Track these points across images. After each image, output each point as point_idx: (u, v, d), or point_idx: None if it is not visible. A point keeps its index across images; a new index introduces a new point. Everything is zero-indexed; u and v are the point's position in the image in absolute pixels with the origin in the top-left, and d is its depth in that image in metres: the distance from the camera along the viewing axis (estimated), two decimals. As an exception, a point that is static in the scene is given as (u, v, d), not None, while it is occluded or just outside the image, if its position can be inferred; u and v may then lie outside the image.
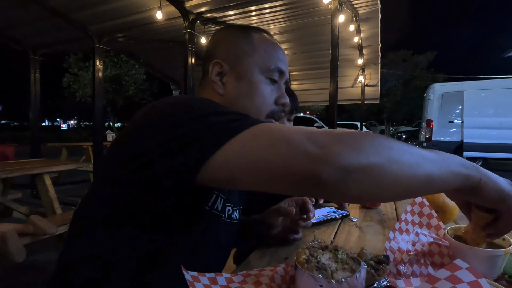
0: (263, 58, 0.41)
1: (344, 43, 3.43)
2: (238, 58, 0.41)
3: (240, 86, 0.40)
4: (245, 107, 0.40)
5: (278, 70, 0.41)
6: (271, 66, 0.41)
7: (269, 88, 0.41)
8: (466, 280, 0.22)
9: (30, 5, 2.42)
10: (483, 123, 4.76)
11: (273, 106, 0.41)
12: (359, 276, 0.28)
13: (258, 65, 0.40)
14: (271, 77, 0.41)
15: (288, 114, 0.78)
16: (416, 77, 13.72)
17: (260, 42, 0.42)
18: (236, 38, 0.42)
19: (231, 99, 0.40)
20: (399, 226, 0.41)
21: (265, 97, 0.40)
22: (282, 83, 0.43)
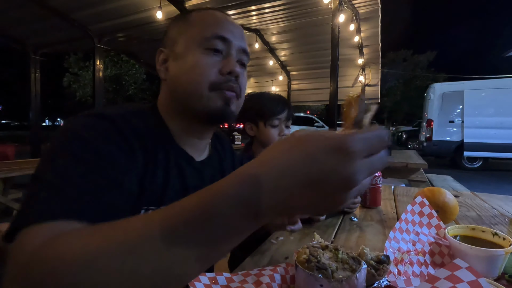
0: (198, 30, 0.38)
1: (344, 42, 3.42)
2: (175, 39, 0.39)
3: (179, 66, 0.38)
4: (185, 84, 0.37)
5: (218, 37, 0.38)
6: (208, 34, 0.37)
7: (210, 58, 0.37)
8: (466, 280, 0.22)
9: (31, 5, 2.42)
10: (483, 122, 4.75)
11: (216, 76, 0.37)
12: (360, 276, 0.28)
13: (194, 39, 0.38)
14: (211, 46, 0.37)
15: (285, 121, 0.79)
16: (417, 76, 13.71)
17: (196, 17, 0.39)
18: (175, 22, 0.41)
19: (171, 81, 0.39)
20: (399, 226, 0.41)
21: (203, 67, 0.37)
22: (232, 52, 0.38)
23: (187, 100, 0.38)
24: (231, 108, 0.39)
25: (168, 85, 0.40)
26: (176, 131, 0.40)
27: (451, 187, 2.33)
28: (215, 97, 0.37)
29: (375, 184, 0.73)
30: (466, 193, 0.92)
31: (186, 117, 0.39)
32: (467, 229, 0.40)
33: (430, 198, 0.52)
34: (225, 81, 0.38)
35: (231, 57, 0.38)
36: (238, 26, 0.41)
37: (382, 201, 0.77)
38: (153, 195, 0.35)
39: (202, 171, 0.42)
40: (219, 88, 0.37)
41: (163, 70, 0.40)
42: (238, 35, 0.40)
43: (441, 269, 0.24)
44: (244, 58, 0.41)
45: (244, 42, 0.40)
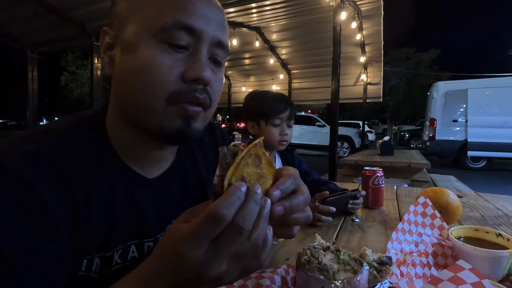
0: (154, 11, 0.27)
1: (346, 40, 3.39)
2: (124, 20, 0.28)
3: (125, 61, 0.28)
4: (134, 92, 0.27)
5: (182, 26, 0.26)
6: (168, 22, 0.26)
7: (168, 58, 0.27)
8: (469, 281, 0.22)
9: (28, 3, 2.41)
10: (487, 122, 4.70)
11: (176, 83, 0.27)
12: (361, 278, 0.28)
13: (147, 26, 0.27)
14: (170, 40, 0.26)
15: (287, 120, 0.78)
16: (420, 75, 13.57)
17: None
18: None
19: (117, 80, 0.29)
20: (402, 227, 0.40)
21: (157, 72, 0.26)
22: (202, 48, 0.28)
23: (136, 112, 0.28)
24: (194, 126, 0.29)
25: (114, 85, 0.30)
26: (126, 145, 0.31)
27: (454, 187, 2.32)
28: (173, 113, 0.27)
29: (377, 184, 0.73)
30: (469, 194, 0.92)
31: (137, 130, 0.30)
32: (471, 230, 0.40)
33: (433, 198, 0.51)
34: (188, 92, 0.27)
35: (199, 56, 0.28)
36: (216, 4, 0.29)
37: (385, 201, 0.77)
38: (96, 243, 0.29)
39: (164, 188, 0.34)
40: (180, 101, 0.27)
41: (107, 60, 0.30)
42: (214, 20, 0.28)
43: (444, 271, 0.23)
44: (220, 54, 0.30)
45: (222, 30, 0.29)
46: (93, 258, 0.29)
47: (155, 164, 0.34)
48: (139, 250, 0.33)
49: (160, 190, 0.35)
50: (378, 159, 2.38)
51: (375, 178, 0.73)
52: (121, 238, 0.31)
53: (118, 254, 0.31)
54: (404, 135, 9.74)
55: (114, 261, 0.31)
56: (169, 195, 0.36)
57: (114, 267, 0.31)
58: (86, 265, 0.29)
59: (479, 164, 5.02)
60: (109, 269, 0.31)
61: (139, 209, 0.32)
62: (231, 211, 0.19)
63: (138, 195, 0.32)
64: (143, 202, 0.33)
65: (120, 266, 0.32)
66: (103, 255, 0.30)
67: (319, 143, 7.28)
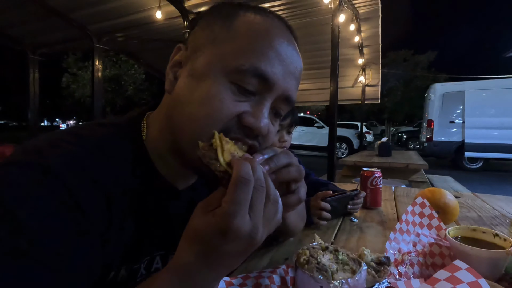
0: (235, 49, 0.26)
1: (344, 42, 3.42)
2: (202, 46, 0.27)
3: (189, 85, 0.27)
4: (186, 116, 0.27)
5: (258, 74, 0.26)
6: (245, 66, 0.25)
7: (233, 98, 0.26)
8: (466, 281, 0.22)
9: (30, 4, 2.42)
10: (484, 123, 4.75)
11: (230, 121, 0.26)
12: (360, 277, 0.28)
13: (223, 60, 0.26)
14: (240, 83, 0.26)
15: (287, 127, 0.77)
16: (417, 77, 13.70)
17: (242, 24, 0.27)
18: (213, 16, 0.28)
19: (175, 101, 0.28)
20: (400, 227, 0.41)
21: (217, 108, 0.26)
22: (268, 99, 0.27)
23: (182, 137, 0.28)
24: None
25: (169, 103, 0.29)
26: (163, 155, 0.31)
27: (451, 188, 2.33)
28: None
29: (375, 185, 0.73)
30: (466, 194, 0.92)
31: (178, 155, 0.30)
32: (468, 230, 0.40)
33: (430, 199, 0.52)
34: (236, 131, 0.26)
35: (263, 106, 0.26)
36: (297, 55, 0.29)
37: (383, 202, 0.77)
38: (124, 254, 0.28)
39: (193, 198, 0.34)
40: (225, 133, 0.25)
41: (171, 77, 0.29)
42: (290, 73, 0.27)
43: (441, 271, 0.23)
44: (284, 108, 0.29)
45: (294, 85, 0.28)
46: (119, 270, 0.29)
47: (187, 176, 0.34)
48: (163, 262, 0.33)
49: (189, 201, 0.34)
50: (376, 160, 2.39)
51: (373, 178, 0.73)
52: (149, 250, 0.31)
53: (144, 265, 0.31)
54: (402, 136, 9.81)
55: (139, 273, 0.31)
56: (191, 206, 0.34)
57: (139, 278, 0.31)
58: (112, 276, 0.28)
59: (476, 165, 5.07)
60: (134, 281, 0.31)
61: (169, 221, 0.32)
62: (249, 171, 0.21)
63: (169, 207, 0.33)
64: (173, 213, 0.33)
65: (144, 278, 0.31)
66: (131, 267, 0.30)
67: (318, 144, 7.30)
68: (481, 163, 5.02)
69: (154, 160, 0.31)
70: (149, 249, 0.31)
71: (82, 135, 0.27)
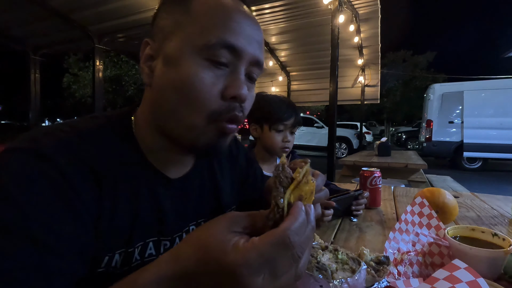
0: (200, 28, 0.27)
1: (344, 43, 3.43)
2: (168, 34, 0.29)
3: (167, 74, 0.28)
4: (174, 105, 0.28)
5: (226, 45, 0.27)
6: (213, 41, 0.27)
7: (210, 74, 0.27)
8: (464, 280, 0.22)
9: (31, 5, 2.42)
10: (483, 123, 4.76)
11: (217, 102, 0.28)
12: (359, 277, 0.28)
13: (193, 43, 0.27)
14: (213, 57, 0.27)
15: (291, 128, 0.77)
16: (416, 77, 13.73)
17: (200, 5, 0.28)
18: (169, 5, 0.30)
19: (157, 93, 0.29)
20: (399, 226, 0.41)
21: (200, 89, 0.27)
22: (241, 66, 0.29)
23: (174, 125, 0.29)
24: (226, 142, 0.31)
25: (151, 95, 0.31)
26: (153, 149, 0.32)
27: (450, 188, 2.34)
28: (211, 130, 0.29)
29: (375, 185, 0.73)
30: (465, 194, 0.92)
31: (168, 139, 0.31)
32: (467, 229, 0.40)
33: (429, 198, 0.52)
34: (228, 110, 0.28)
35: (238, 74, 0.29)
36: (256, 23, 0.30)
37: (382, 201, 0.77)
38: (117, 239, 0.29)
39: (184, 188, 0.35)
40: (220, 120, 0.29)
41: (147, 70, 0.30)
42: (254, 39, 0.29)
43: (440, 270, 0.24)
44: (256, 72, 0.31)
45: (260, 49, 0.30)
46: (114, 255, 0.29)
47: (178, 167, 0.35)
48: (156, 248, 0.33)
49: (180, 191, 0.35)
50: (376, 160, 2.39)
51: (373, 178, 0.73)
52: (142, 235, 0.32)
53: (138, 250, 0.31)
54: (401, 136, 9.82)
55: (134, 258, 0.31)
56: (188, 197, 0.36)
57: (134, 263, 0.31)
58: (106, 262, 0.29)
59: (475, 164, 5.08)
60: (129, 266, 0.30)
61: (160, 208, 0.33)
62: (300, 238, 0.17)
63: (161, 194, 0.33)
64: (165, 201, 0.33)
65: (139, 263, 0.31)
66: (125, 251, 0.30)
67: (318, 144, 7.30)
68: (480, 163, 5.03)
69: (145, 152, 0.32)
70: (141, 235, 0.31)
71: (76, 126, 0.29)
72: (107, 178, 0.28)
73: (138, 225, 0.31)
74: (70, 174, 0.25)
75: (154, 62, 0.30)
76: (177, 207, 0.35)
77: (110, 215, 0.28)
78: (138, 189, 0.31)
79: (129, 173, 0.30)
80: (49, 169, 0.24)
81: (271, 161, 0.83)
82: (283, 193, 0.20)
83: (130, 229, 0.30)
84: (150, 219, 0.32)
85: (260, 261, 0.17)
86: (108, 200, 0.28)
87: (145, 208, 0.31)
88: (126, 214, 0.30)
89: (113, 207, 0.28)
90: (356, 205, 0.66)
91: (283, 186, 0.20)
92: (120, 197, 0.29)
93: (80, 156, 0.26)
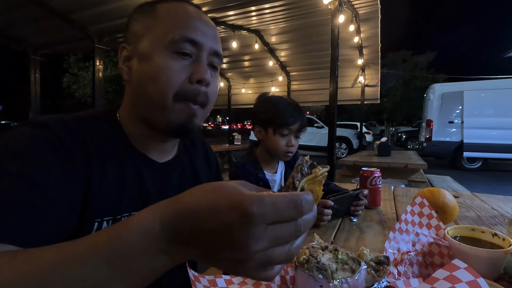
0: (165, 29, 0.34)
1: (344, 43, 3.43)
2: (140, 36, 0.35)
3: (143, 68, 0.35)
4: (148, 91, 0.34)
5: (187, 39, 0.34)
6: (176, 37, 0.34)
7: (177, 64, 0.34)
8: (464, 280, 0.22)
9: (31, 5, 2.42)
10: (483, 123, 4.76)
11: (182, 84, 0.34)
12: (359, 277, 0.28)
13: (160, 40, 0.34)
14: (179, 50, 0.34)
15: (296, 132, 0.76)
16: (416, 77, 13.73)
17: (163, 11, 0.35)
18: (139, 14, 0.37)
19: (135, 84, 0.36)
20: (399, 226, 0.41)
21: (169, 74, 0.33)
22: (202, 55, 0.35)
23: (148, 109, 0.35)
24: (194, 122, 0.36)
25: (131, 88, 0.37)
26: (136, 135, 0.38)
27: (450, 188, 2.34)
28: (178, 109, 0.34)
29: (375, 185, 0.73)
30: (465, 194, 0.92)
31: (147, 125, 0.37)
32: (467, 229, 0.40)
33: (429, 198, 0.52)
34: (193, 92, 0.34)
35: (201, 62, 0.35)
36: (211, 24, 0.38)
37: (382, 201, 0.77)
38: (105, 205, 0.33)
39: (167, 172, 0.40)
40: (185, 99, 0.34)
41: (126, 69, 0.37)
42: (210, 35, 0.36)
43: (440, 270, 0.24)
44: (216, 61, 0.37)
45: (216, 43, 0.37)
46: (102, 221, 0.33)
47: (160, 154, 0.40)
48: None
49: (163, 174, 0.40)
50: (376, 160, 2.39)
51: (373, 178, 0.73)
52: (127, 206, 0.35)
53: None
54: (401, 136, 9.81)
55: None
56: (169, 181, 0.40)
57: None
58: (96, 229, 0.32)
59: (475, 164, 5.08)
60: None
61: (144, 185, 0.37)
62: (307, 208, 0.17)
63: (145, 173, 0.38)
64: (148, 180, 0.38)
65: None
66: (113, 219, 0.33)
67: (318, 144, 7.30)
68: (480, 163, 5.03)
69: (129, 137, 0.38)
70: (126, 206, 0.35)
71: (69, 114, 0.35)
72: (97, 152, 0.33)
73: (124, 196, 0.35)
74: (65, 140, 0.30)
75: (131, 62, 0.36)
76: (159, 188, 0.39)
77: (98, 180, 0.32)
78: (124, 165, 0.35)
79: (116, 151, 0.35)
80: (47, 133, 0.30)
81: (273, 164, 0.82)
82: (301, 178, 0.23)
83: (117, 198, 0.34)
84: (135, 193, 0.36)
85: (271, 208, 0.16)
86: (96, 168, 0.32)
87: (130, 181, 0.36)
88: (113, 182, 0.34)
89: (101, 174, 0.33)
90: (356, 206, 0.66)
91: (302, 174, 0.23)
92: (107, 167, 0.34)
93: (74, 130, 0.32)
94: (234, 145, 3.76)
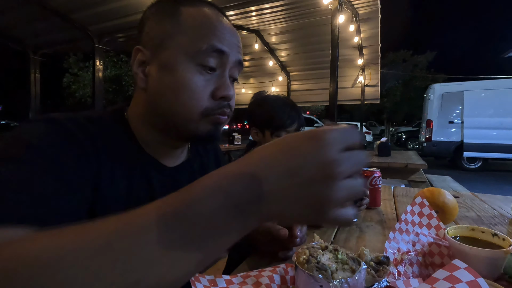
0: (191, 38, 0.32)
1: (344, 43, 3.43)
2: (161, 42, 0.33)
3: (164, 79, 0.33)
4: (171, 105, 0.33)
5: (215, 50, 0.32)
6: (204, 47, 0.32)
7: (202, 78, 0.33)
8: (464, 280, 0.22)
9: (31, 5, 2.42)
10: (483, 123, 4.76)
11: (209, 101, 0.33)
12: (359, 277, 0.28)
13: (184, 48, 0.32)
14: (204, 63, 0.32)
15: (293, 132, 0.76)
16: (416, 77, 13.73)
17: (188, 18, 0.33)
18: (159, 16, 0.34)
19: (154, 95, 0.34)
20: (399, 226, 0.41)
21: (194, 91, 0.32)
22: (227, 69, 0.34)
23: (172, 121, 0.34)
24: (220, 130, 0.37)
25: (148, 97, 0.35)
26: (147, 140, 0.36)
27: (450, 188, 2.34)
28: (206, 122, 0.34)
29: (375, 185, 0.73)
30: (465, 194, 0.92)
31: (164, 132, 0.36)
32: (467, 229, 0.40)
33: (429, 198, 0.52)
34: (218, 107, 0.34)
35: (225, 78, 0.34)
36: (234, 30, 0.36)
37: (382, 201, 0.77)
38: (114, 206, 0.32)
39: (176, 177, 0.39)
40: (212, 114, 0.34)
41: (141, 75, 0.34)
42: (235, 44, 0.35)
43: (440, 270, 0.24)
44: (237, 71, 0.36)
45: (240, 52, 0.36)
46: None
47: (170, 159, 0.40)
48: None
49: (172, 179, 0.39)
50: (376, 159, 2.39)
51: (373, 178, 0.73)
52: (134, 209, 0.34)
53: None
54: (401, 136, 9.81)
55: None
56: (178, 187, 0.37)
57: None
58: None
59: (475, 164, 5.08)
60: None
61: (153, 191, 0.36)
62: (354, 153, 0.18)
63: (154, 178, 0.37)
64: (157, 185, 0.37)
65: None
66: None
67: (318, 144, 7.26)
68: (480, 163, 5.03)
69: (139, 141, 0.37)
70: None
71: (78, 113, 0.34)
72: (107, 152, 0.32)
73: (132, 200, 0.34)
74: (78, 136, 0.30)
75: (148, 67, 0.34)
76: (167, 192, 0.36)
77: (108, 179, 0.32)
78: (133, 170, 0.35)
79: (125, 153, 0.34)
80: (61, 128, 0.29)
81: None
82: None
83: (126, 201, 0.33)
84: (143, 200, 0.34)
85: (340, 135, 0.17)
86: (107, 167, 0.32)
87: (138, 186, 0.35)
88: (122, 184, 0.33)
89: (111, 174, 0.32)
90: (359, 206, 0.65)
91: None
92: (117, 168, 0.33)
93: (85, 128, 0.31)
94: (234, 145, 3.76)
